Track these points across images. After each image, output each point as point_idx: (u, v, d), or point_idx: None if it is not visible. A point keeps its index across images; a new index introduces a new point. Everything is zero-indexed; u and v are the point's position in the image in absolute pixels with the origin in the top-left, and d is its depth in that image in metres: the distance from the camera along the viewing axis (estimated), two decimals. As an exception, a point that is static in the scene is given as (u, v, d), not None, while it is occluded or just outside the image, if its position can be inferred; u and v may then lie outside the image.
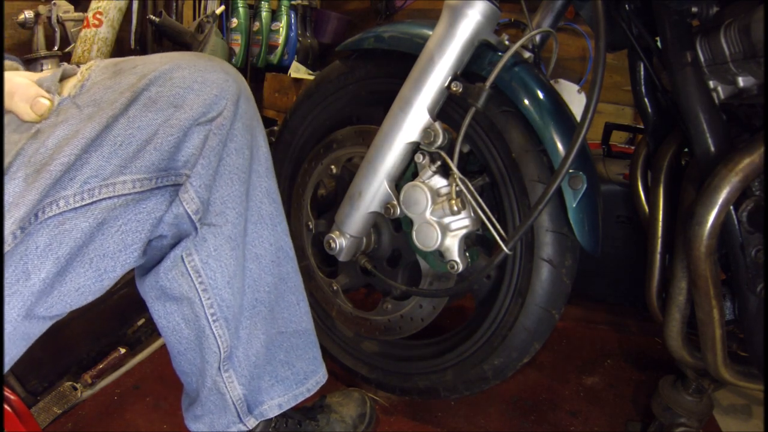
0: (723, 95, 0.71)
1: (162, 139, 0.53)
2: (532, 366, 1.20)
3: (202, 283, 0.62)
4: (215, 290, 0.63)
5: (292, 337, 0.75)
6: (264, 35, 2.14)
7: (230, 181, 0.61)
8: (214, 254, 0.62)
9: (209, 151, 0.57)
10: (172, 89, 0.54)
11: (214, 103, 0.56)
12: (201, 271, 0.62)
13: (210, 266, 0.62)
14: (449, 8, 0.77)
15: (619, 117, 2.16)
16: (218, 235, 0.62)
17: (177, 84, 0.55)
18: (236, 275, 0.65)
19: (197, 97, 0.55)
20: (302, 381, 0.77)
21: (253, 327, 0.69)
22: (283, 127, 1.13)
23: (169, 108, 0.54)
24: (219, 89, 0.57)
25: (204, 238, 0.61)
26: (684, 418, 0.88)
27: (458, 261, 0.81)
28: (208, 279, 0.63)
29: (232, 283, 0.65)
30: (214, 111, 0.57)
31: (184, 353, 0.67)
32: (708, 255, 0.65)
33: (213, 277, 0.63)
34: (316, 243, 1.07)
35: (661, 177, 0.82)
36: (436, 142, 0.80)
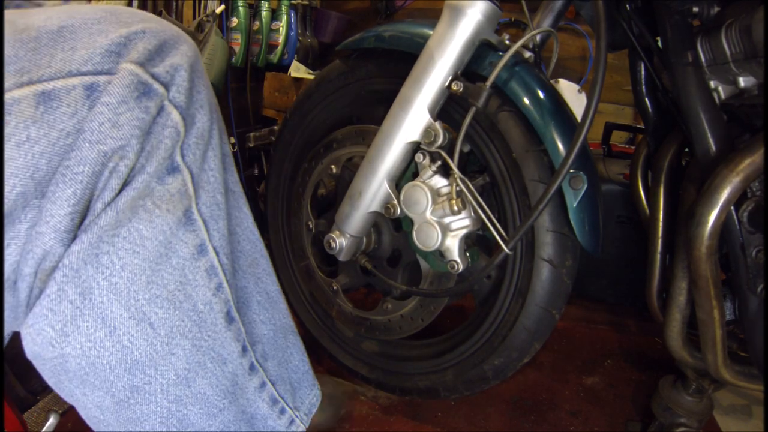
0: (724, 95, 0.71)
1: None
2: (532, 366, 1.20)
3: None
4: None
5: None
6: (264, 34, 2.13)
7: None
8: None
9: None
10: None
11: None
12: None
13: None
14: (450, 8, 0.77)
15: (620, 117, 2.16)
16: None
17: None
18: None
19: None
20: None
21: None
22: (283, 126, 1.13)
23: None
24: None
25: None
26: (684, 418, 0.88)
27: (458, 261, 0.81)
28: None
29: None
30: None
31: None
32: (709, 255, 0.65)
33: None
34: (316, 243, 1.07)
35: (661, 177, 0.82)
36: (437, 142, 0.80)
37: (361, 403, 1.05)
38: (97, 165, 0.38)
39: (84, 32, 0.39)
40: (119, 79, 0.39)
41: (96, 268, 0.40)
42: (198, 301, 0.47)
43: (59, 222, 0.38)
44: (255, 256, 0.56)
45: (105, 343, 0.42)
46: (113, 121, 0.39)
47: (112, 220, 0.40)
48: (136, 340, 0.43)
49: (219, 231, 0.48)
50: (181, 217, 0.44)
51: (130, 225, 0.41)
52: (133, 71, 0.40)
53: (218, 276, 0.48)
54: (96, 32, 0.40)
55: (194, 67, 0.44)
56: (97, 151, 0.38)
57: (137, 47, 0.40)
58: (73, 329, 0.40)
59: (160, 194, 0.42)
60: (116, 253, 0.40)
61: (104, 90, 0.39)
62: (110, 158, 0.39)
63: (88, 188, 0.39)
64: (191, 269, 0.46)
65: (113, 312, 0.41)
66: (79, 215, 0.39)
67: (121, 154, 0.39)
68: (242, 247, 0.55)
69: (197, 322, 0.47)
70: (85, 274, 0.40)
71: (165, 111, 0.42)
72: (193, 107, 0.45)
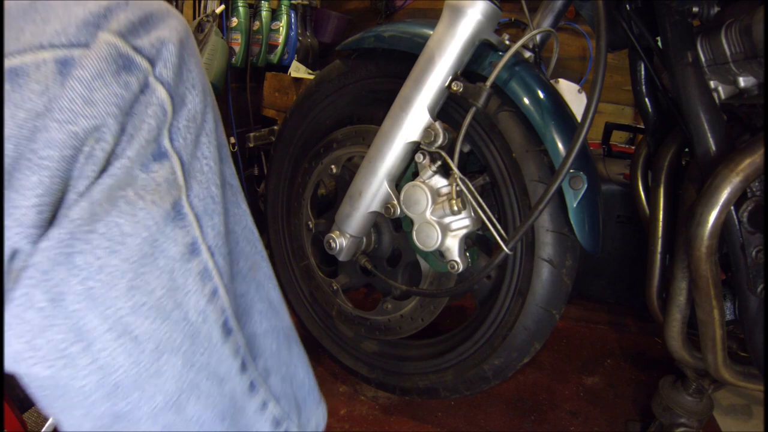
0: (724, 95, 0.71)
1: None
2: (532, 366, 1.20)
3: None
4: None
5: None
6: (264, 34, 2.13)
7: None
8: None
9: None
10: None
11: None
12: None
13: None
14: (450, 8, 0.77)
15: (620, 117, 2.16)
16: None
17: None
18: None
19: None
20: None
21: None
22: (284, 126, 1.13)
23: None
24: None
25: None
26: (684, 418, 0.88)
27: (458, 261, 0.81)
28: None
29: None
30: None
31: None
32: (709, 255, 0.65)
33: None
34: (316, 242, 1.07)
35: (661, 177, 0.82)
36: (437, 142, 0.80)
37: (361, 403, 1.05)
38: (67, 148, 0.33)
39: (59, 3, 0.35)
40: (95, 51, 0.34)
41: (69, 270, 0.34)
42: (190, 310, 0.40)
43: (24, 215, 0.33)
44: (255, 259, 0.50)
45: (79, 360, 0.35)
46: (86, 98, 0.34)
47: (86, 213, 0.34)
48: (116, 357, 0.36)
49: (214, 228, 0.42)
50: (169, 211, 0.38)
51: (108, 219, 0.35)
52: (112, 42, 0.35)
53: (213, 280, 0.42)
54: (72, 3, 0.36)
55: (184, 42, 0.39)
56: (67, 131, 0.33)
57: (118, 17, 0.36)
58: (42, 343, 0.34)
59: (145, 183, 0.37)
60: (92, 252, 0.34)
61: (78, 63, 0.34)
62: (84, 141, 0.34)
63: (58, 176, 0.34)
64: (181, 272, 0.39)
65: (89, 323, 0.35)
66: (49, 208, 0.34)
67: (97, 136, 0.34)
68: (241, 248, 0.48)
69: (189, 335, 0.40)
70: (56, 277, 0.34)
71: (149, 88, 0.37)
72: (183, 86, 0.39)
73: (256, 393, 0.48)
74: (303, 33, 2.31)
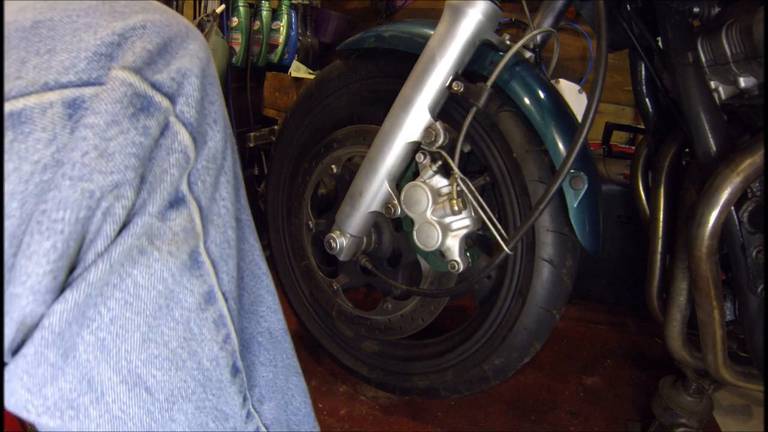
0: (724, 95, 0.71)
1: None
2: (532, 366, 1.20)
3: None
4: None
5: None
6: (264, 34, 2.13)
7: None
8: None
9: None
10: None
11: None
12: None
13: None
14: (450, 8, 0.77)
15: (620, 117, 2.16)
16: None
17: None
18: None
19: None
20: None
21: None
22: (284, 126, 1.13)
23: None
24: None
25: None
26: (684, 418, 0.88)
27: (459, 261, 0.81)
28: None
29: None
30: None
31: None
32: (709, 255, 0.65)
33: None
34: (316, 242, 1.07)
35: (661, 177, 0.82)
36: (437, 142, 0.80)
37: (361, 403, 1.05)
38: (83, 209, 0.30)
39: (66, 28, 0.31)
40: (108, 91, 0.30)
41: (81, 324, 0.32)
42: (204, 357, 0.39)
43: (37, 282, 0.30)
44: (259, 293, 0.49)
45: (91, 411, 0.34)
46: (101, 150, 0.30)
47: (103, 273, 0.32)
48: (129, 408, 0.35)
49: (228, 273, 0.40)
50: (186, 261, 0.36)
51: (122, 271, 0.33)
52: (127, 80, 0.31)
53: (227, 326, 0.41)
54: (82, 27, 0.31)
55: (206, 71, 0.36)
56: (81, 190, 0.30)
57: (134, 47, 0.32)
58: (53, 392, 0.33)
59: (161, 233, 0.34)
60: (104, 304, 0.33)
61: (90, 107, 0.30)
62: (101, 198, 0.31)
63: (73, 238, 0.30)
64: (197, 322, 0.38)
65: (101, 374, 0.34)
66: (64, 271, 0.31)
67: (116, 193, 0.31)
68: (245, 284, 0.48)
69: (201, 381, 0.40)
70: (68, 334, 0.32)
71: (170, 130, 0.33)
72: (205, 122, 0.36)
73: (251, 421, 0.49)
74: (303, 33, 2.31)
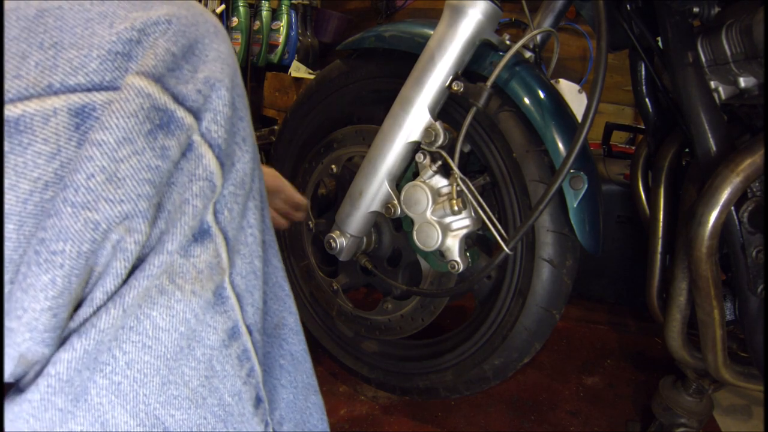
0: (724, 95, 0.71)
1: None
2: (532, 366, 1.20)
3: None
4: None
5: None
6: (264, 34, 2.14)
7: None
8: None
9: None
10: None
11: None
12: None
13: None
14: (450, 8, 0.77)
15: (620, 117, 2.16)
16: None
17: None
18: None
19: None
20: None
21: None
22: (284, 126, 1.13)
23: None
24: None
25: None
26: (684, 418, 0.88)
27: (459, 261, 0.81)
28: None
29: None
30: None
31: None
32: (709, 255, 0.65)
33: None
34: (316, 242, 1.07)
35: (661, 177, 0.82)
36: (437, 142, 0.80)
37: (361, 403, 1.05)
38: (86, 242, 0.26)
39: (77, 18, 0.26)
40: (123, 101, 0.25)
41: (93, 369, 0.29)
42: (225, 393, 0.36)
43: (35, 319, 0.26)
44: (282, 315, 0.46)
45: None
46: (109, 173, 0.25)
47: (116, 318, 0.28)
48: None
49: (254, 305, 0.37)
50: (210, 299, 0.32)
51: (140, 312, 0.29)
52: (145, 90, 0.26)
53: (251, 360, 0.38)
54: (96, 18, 0.26)
55: (235, 81, 0.31)
56: (84, 220, 0.25)
57: (156, 47, 0.27)
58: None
59: (184, 271, 0.30)
60: (119, 348, 0.29)
61: (100, 118, 0.25)
62: (108, 231, 0.26)
63: (75, 273, 0.26)
64: (220, 359, 0.34)
65: (115, 417, 0.31)
66: (65, 309, 0.27)
67: (127, 225, 0.27)
68: (269, 308, 0.44)
69: (222, 417, 0.37)
70: (79, 380, 0.29)
71: (194, 152, 0.28)
72: (233, 143, 0.31)
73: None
74: (303, 33, 2.31)
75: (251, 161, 0.33)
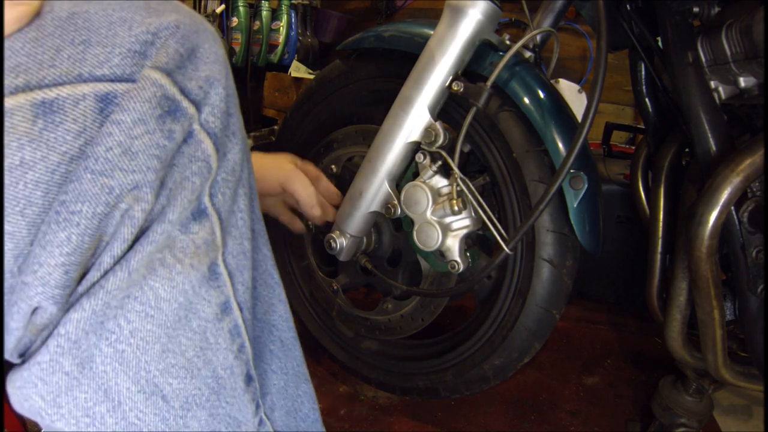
0: (724, 95, 0.71)
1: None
2: (532, 366, 1.20)
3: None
4: None
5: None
6: (264, 34, 2.14)
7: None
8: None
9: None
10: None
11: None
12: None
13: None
14: (450, 8, 0.77)
15: (620, 117, 2.16)
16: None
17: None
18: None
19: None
20: None
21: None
22: (284, 126, 1.13)
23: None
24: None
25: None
26: (684, 418, 0.88)
27: (459, 261, 0.81)
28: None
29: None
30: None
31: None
32: (709, 255, 0.65)
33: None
34: (316, 242, 1.07)
35: (661, 177, 0.82)
36: (437, 142, 0.80)
37: (361, 403, 1.05)
38: (101, 204, 0.30)
39: (102, 21, 0.31)
40: (139, 90, 0.30)
41: (99, 335, 0.32)
42: (218, 366, 0.40)
43: (48, 274, 0.30)
44: (272, 302, 0.50)
45: (107, 419, 0.35)
46: (125, 147, 0.30)
47: (123, 283, 0.32)
48: (145, 416, 0.36)
49: (244, 284, 0.41)
50: (205, 273, 0.36)
51: (144, 283, 0.33)
52: (158, 81, 0.31)
53: (241, 336, 0.42)
54: (117, 21, 0.31)
55: (228, 80, 0.36)
56: (101, 185, 0.30)
57: (167, 47, 0.32)
58: (67, 401, 0.33)
59: (184, 246, 0.34)
60: (124, 317, 0.33)
61: (120, 103, 0.30)
62: (120, 198, 0.30)
63: (88, 233, 0.30)
64: (213, 332, 0.39)
65: (118, 384, 0.34)
66: (76, 267, 0.31)
67: (136, 194, 0.31)
68: (258, 293, 0.48)
69: (215, 389, 0.41)
70: (86, 344, 0.32)
71: (194, 138, 0.33)
72: (226, 135, 0.36)
73: (263, 428, 0.49)
74: (303, 33, 2.31)
75: (240, 152, 0.38)
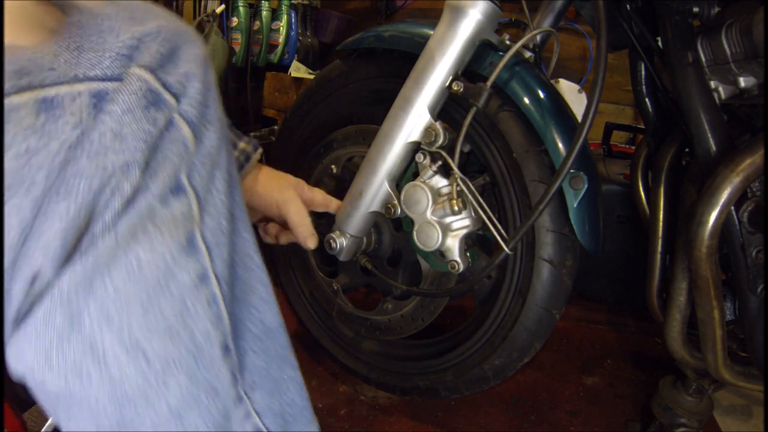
0: (724, 95, 0.71)
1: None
2: (532, 366, 1.20)
3: None
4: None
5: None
6: (264, 34, 2.14)
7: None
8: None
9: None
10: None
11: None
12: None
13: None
14: (450, 8, 0.77)
15: (620, 117, 2.16)
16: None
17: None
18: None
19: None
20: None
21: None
22: (283, 126, 1.13)
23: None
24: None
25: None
26: (684, 418, 0.88)
27: (459, 261, 0.81)
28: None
29: None
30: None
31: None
32: (709, 255, 0.65)
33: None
34: (316, 242, 1.07)
35: (661, 177, 0.82)
36: (437, 142, 0.80)
37: (361, 403, 1.05)
38: (96, 179, 0.35)
39: (93, 30, 0.37)
40: (127, 85, 0.36)
41: (88, 295, 0.37)
42: (197, 332, 0.44)
43: (50, 240, 0.34)
44: (251, 283, 0.53)
45: (92, 371, 0.38)
46: (116, 132, 0.35)
47: (110, 246, 0.36)
48: (127, 370, 0.40)
49: (222, 259, 0.45)
50: (183, 243, 0.41)
51: (128, 248, 0.37)
52: (143, 77, 0.37)
53: (219, 306, 0.46)
54: (106, 30, 0.37)
55: (206, 76, 0.42)
56: (96, 164, 0.35)
57: (150, 49, 0.38)
58: (56, 354, 0.37)
59: (163, 217, 0.39)
60: (110, 276, 0.37)
61: (111, 98, 0.35)
62: (112, 175, 0.35)
63: (85, 205, 0.35)
64: (192, 299, 0.43)
65: (104, 341, 0.38)
66: (73, 235, 0.35)
67: (125, 171, 0.36)
68: (237, 274, 0.52)
69: (194, 354, 0.44)
70: (76, 301, 0.36)
71: (174, 125, 0.39)
72: (202, 123, 0.41)
73: (242, 404, 0.52)
74: (303, 33, 2.31)
75: (217, 140, 0.43)
